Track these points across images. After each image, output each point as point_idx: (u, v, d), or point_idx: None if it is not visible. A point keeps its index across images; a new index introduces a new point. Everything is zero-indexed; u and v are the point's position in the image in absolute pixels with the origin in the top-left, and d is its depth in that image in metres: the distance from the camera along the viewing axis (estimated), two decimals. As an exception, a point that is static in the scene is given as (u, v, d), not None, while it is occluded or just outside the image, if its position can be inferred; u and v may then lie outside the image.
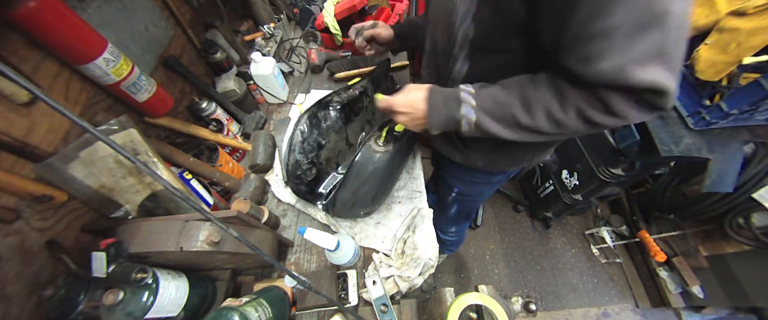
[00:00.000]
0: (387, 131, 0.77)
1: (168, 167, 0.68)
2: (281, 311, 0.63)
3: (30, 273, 0.51)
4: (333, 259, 0.66)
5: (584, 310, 1.62)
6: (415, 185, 0.90)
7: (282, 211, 0.87)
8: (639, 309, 1.64)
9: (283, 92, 1.09)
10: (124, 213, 0.63)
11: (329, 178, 0.87)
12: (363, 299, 0.70)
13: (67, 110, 0.24)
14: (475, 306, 0.53)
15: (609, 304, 1.65)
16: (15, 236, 0.50)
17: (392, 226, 0.82)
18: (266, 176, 0.92)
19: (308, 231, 0.57)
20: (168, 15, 0.85)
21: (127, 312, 0.49)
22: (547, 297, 1.65)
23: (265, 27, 1.17)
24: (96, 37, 0.58)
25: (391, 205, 0.86)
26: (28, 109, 0.52)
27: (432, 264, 0.73)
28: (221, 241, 0.56)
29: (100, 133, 0.27)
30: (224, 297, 0.68)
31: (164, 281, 0.55)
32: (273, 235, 0.72)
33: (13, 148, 0.50)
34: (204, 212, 0.34)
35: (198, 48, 0.95)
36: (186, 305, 0.58)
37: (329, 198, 0.80)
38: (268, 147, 0.93)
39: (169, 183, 0.32)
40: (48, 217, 0.54)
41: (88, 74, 0.59)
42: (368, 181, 0.75)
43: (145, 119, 0.76)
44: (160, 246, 0.54)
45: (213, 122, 0.92)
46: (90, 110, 0.63)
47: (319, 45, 1.19)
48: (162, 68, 0.82)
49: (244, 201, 0.69)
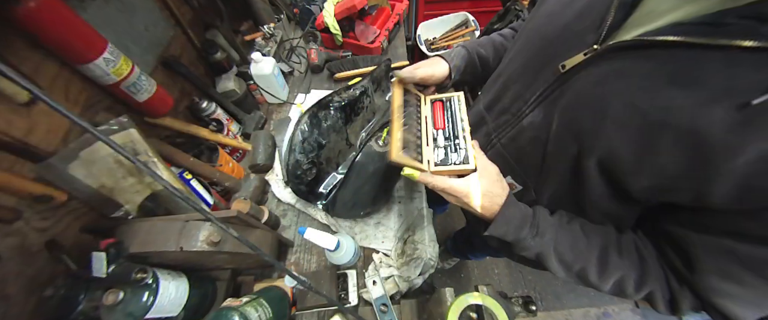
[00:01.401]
0: (387, 131, 0.77)
1: (168, 167, 0.68)
2: (281, 311, 0.63)
3: (30, 273, 0.51)
4: (333, 259, 0.66)
5: (584, 310, 1.62)
6: (415, 185, 0.90)
7: (282, 211, 0.87)
8: (639, 309, 1.64)
9: (283, 92, 1.08)
10: (124, 213, 0.63)
11: (329, 178, 0.87)
12: (363, 299, 0.70)
13: (67, 110, 0.24)
14: (475, 306, 0.53)
15: (609, 304, 1.65)
16: (15, 236, 0.50)
17: (392, 226, 0.82)
18: (266, 176, 0.92)
19: (308, 231, 0.57)
20: (168, 15, 0.85)
21: (127, 312, 0.49)
22: (547, 297, 1.65)
23: (265, 27, 1.17)
24: (96, 37, 0.58)
25: (391, 205, 0.86)
26: (28, 109, 0.52)
27: (432, 264, 0.73)
28: (221, 241, 0.56)
29: (100, 133, 0.27)
30: (224, 297, 0.68)
31: (164, 281, 0.54)
32: (273, 235, 0.72)
33: (13, 148, 0.49)
34: (204, 212, 0.34)
35: (198, 48, 0.95)
36: (186, 305, 0.58)
37: (329, 198, 0.80)
38: (268, 147, 0.93)
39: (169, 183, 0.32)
40: (48, 217, 0.54)
41: (88, 74, 0.59)
42: (369, 181, 0.75)
43: (145, 119, 0.76)
44: (160, 246, 0.54)
45: (213, 122, 0.92)
46: (90, 110, 0.63)
47: (319, 45, 1.19)
48: (162, 68, 0.82)
49: (244, 201, 0.69)
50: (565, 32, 0.43)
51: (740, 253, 0.33)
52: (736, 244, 0.34)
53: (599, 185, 0.42)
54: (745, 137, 0.29)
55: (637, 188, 0.38)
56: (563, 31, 0.43)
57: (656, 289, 0.42)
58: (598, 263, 0.44)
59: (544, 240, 0.46)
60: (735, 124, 0.29)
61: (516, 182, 0.54)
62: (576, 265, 0.45)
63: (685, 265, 0.39)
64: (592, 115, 0.38)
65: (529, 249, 0.47)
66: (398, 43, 1.30)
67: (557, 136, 0.44)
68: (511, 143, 0.53)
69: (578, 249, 0.45)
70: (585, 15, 0.40)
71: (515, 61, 0.54)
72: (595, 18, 0.39)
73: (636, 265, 0.43)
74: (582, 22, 0.40)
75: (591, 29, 0.39)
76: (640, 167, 0.36)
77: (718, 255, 0.35)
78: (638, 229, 0.46)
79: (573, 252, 0.45)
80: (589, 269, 0.44)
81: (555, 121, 0.43)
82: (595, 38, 0.38)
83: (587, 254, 0.44)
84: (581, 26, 0.40)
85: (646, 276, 0.42)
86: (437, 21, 1.93)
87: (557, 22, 0.44)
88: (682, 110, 0.31)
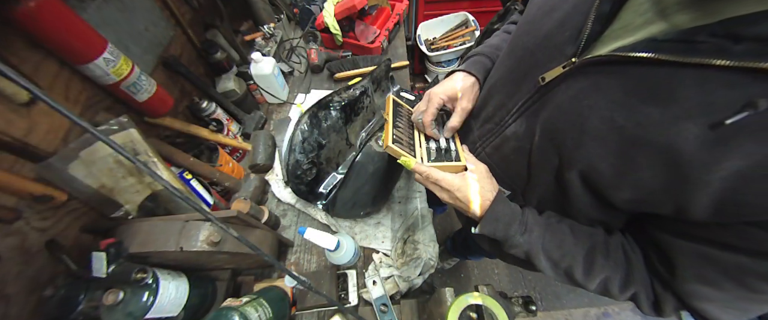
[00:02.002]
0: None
1: (168, 167, 0.68)
2: (281, 311, 0.63)
3: (30, 273, 0.51)
4: (333, 259, 0.66)
5: (584, 310, 1.62)
6: (415, 185, 0.90)
7: (282, 211, 0.87)
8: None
9: (283, 92, 1.09)
10: (124, 213, 0.63)
11: (329, 178, 0.87)
12: (363, 299, 0.70)
13: (67, 110, 0.24)
14: (475, 306, 0.53)
15: (609, 304, 1.64)
16: (15, 236, 0.50)
17: (392, 226, 0.82)
18: (266, 176, 0.92)
19: (308, 231, 0.57)
20: (168, 15, 0.85)
21: (127, 312, 0.49)
22: (547, 297, 1.65)
23: (265, 27, 1.17)
24: (96, 37, 0.58)
25: (391, 205, 0.86)
26: (28, 109, 0.52)
27: (432, 264, 0.73)
28: (221, 241, 0.56)
29: (100, 133, 0.27)
30: (224, 297, 0.68)
31: (164, 281, 0.55)
32: (273, 235, 0.72)
33: (13, 148, 0.49)
34: (204, 212, 0.34)
35: (198, 48, 0.96)
36: (186, 305, 0.58)
37: (329, 198, 0.80)
38: (268, 147, 0.93)
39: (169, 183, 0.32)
40: (48, 217, 0.54)
41: (88, 74, 0.59)
42: (369, 181, 0.75)
43: (145, 119, 0.76)
44: (160, 246, 0.54)
45: (213, 122, 0.92)
46: (90, 110, 0.63)
47: (319, 45, 1.19)
48: (162, 68, 0.82)
49: (244, 201, 0.69)
50: (545, 42, 0.42)
51: (719, 260, 0.34)
52: (714, 252, 0.34)
53: (583, 194, 0.42)
54: (720, 155, 0.29)
55: (619, 200, 0.38)
56: (543, 41, 0.42)
57: (640, 291, 0.43)
58: (585, 262, 0.44)
59: (532, 237, 0.46)
60: (709, 142, 0.29)
61: (504, 189, 0.54)
62: (563, 263, 0.46)
63: (667, 269, 0.40)
64: (571, 129, 0.38)
65: (518, 247, 0.47)
66: (398, 43, 1.30)
67: (540, 148, 0.44)
68: (496, 151, 0.53)
69: (565, 247, 0.45)
70: (565, 25, 0.40)
71: (499, 70, 0.53)
72: (573, 29, 0.38)
73: (622, 266, 0.43)
74: (562, 32, 0.40)
75: (569, 41, 0.38)
76: (620, 181, 0.36)
77: (698, 260, 0.36)
78: (627, 231, 0.47)
79: (560, 249, 0.46)
80: (576, 268, 0.45)
81: (537, 133, 0.43)
82: (574, 50, 0.37)
83: (574, 253, 0.45)
84: (561, 37, 0.40)
85: (630, 278, 0.43)
86: (437, 21, 1.94)
87: (538, 31, 0.44)
88: (658, 126, 0.31)
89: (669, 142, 0.31)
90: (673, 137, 0.31)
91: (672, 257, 0.39)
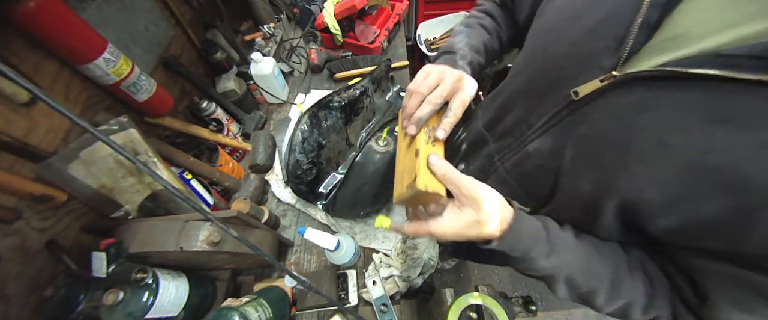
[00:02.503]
0: (387, 131, 0.77)
1: (168, 167, 0.68)
2: (281, 311, 0.63)
3: (30, 273, 0.51)
4: (333, 259, 0.66)
5: (584, 310, 1.62)
6: (415, 185, 0.90)
7: (282, 211, 0.87)
8: (639, 309, 1.64)
9: (283, 92, 1.09)
10: (124, 213, 0.63)
11: (329, 178, 0.87)
12: (363, 299, 0.70)
13: (67, 110, 0.24)
14: (475, 306, 0.53)
15: (609, 304, 1.65)
16: (15, 236, 0.50)
17: (392, 226, 0.82)
18: (266, 176, 0.92)
19: (308, 231, 0.57)
20: (168, 15, 0.85)
21: (127, 312, 0.49)
22: (547, 297, 1.65)
23: (265, 27, 1.17)
24: (96, 37, 0.58)
25: (391, 205, 0.86)
26: (28, 109, 0.52)
27: (432, 264, 0.73)
28: (221, 241, 0.56)
29: (100, 133, 0.27)
30: (224, 297, 0.68)
31: (164, 281, 0.55)
32: (273, 235, 0.72)
33: (13, 148, 0.50)
34: (204, 212, 0.34)
35: (198, 48, 0.96)
36: (186, 305, 0.58)
37: (329, 198, 0.80)
38: (268, 147, 0.93)
39: (169, 183, 0.32)
40: (48, 217, 0.54)
41: (88, 74, 0.59)
42: (369, 181, 0.75)
43: (145, 119, 0.76)
44: (160, 246, 0.54)
45: (213, 122, 0.92)
46: (90, 110, 0.63)
47: (319, 45, 1.19)
48: (162, 68, 0.82)
49: (244, 201, 0.69)
50: (572, 52, 0.38)
51: (755, 283, 0.30)
52: (751, 275, 0.30)
53: (613, 222, 0.39)
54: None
55: (658, 229, 0.34)
56: (570, 50, 0.38)
57: (662, 315, 0.39)
58: (610, 286, 0.40)
59: (559, 262, 0.40)
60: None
61: (523, 208, 0.49)
62: (584, 288, 0.41)
63: (694, 292, 0.36)
64: (613, 150, 0.34)
65: (538, 271, 0.41)
66: (398, 43, 1.30)
67: (572, 170, 0.40)
68: (515, 168, 0.49)
69: (590, 270, 0.40)
70: (599, 34, 0.35)
71: (516, 80, 0.49)
72: (610, 39, 0.34)
73: (646, 288, 0.39)
74: (594, 41, 0.36)
75: (607, 52, 0.34)
76: (668, 209, 0.32)
77: (733, 284, 0.32)
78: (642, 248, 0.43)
79: (585, 274, 0.40)
80: (598, 293, 0.40)
81: (568, 152, 0.39)
82: (613, 63, 0.33)
83: (601, 276, 0.40)
84: (594, 47, 0.35)
85: (653, 300, 0.39)
86: (437, 21, 1.93)
87: (562, 40, 0.39)
88: (727, 153, 0.27)
89: (740, 171, 0.27)
90: (746, 165, 0.27)
91: (704, 281, 0.34)
